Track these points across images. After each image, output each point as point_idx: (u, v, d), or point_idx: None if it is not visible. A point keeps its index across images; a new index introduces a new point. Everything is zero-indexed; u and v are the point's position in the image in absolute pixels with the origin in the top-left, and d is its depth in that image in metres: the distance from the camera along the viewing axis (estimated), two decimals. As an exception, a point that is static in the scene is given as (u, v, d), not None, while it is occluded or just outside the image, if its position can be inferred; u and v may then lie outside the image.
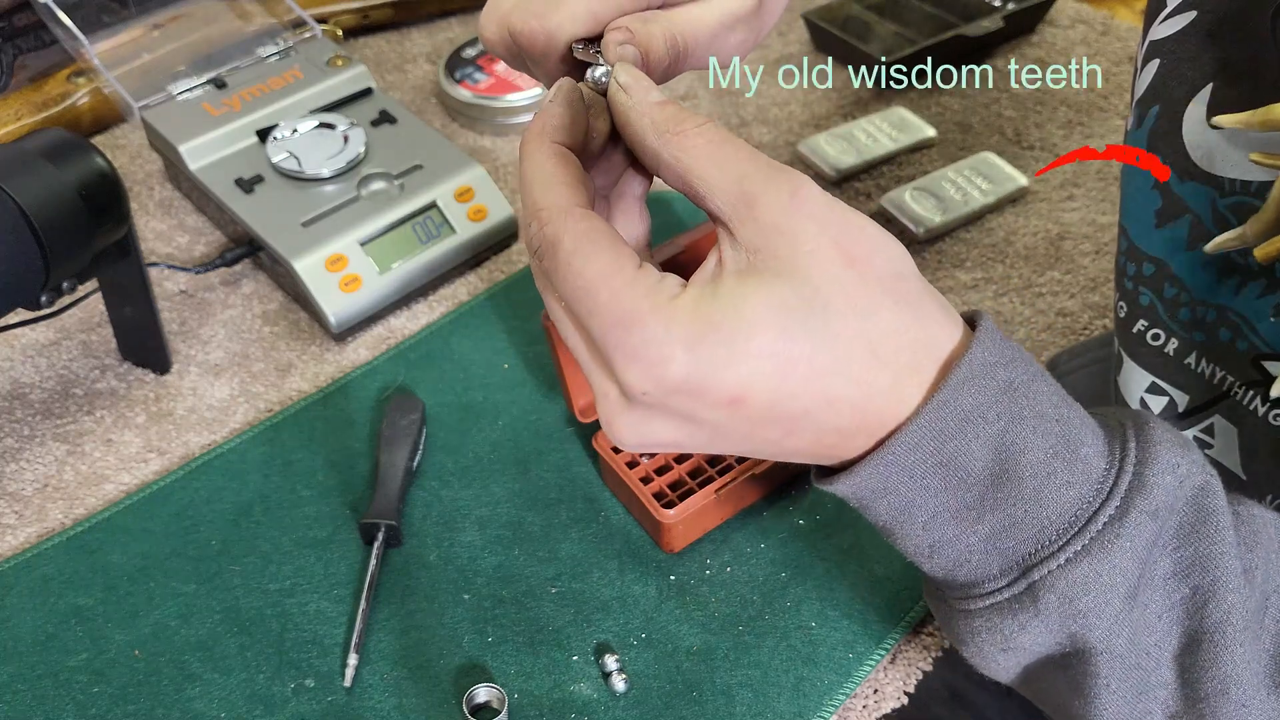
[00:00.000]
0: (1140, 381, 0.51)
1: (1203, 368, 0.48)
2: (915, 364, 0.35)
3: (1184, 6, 0.46)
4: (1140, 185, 0.49)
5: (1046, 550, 0.37)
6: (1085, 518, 0.36)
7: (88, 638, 0.57)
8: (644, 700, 0.54)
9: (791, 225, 0.34)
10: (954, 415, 0.35)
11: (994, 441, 0.36)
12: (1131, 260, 0.50)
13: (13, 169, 0.58)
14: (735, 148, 0.36)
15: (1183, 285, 0.48)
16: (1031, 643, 0.39)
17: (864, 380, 0.35)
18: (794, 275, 0.34)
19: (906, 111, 0.88)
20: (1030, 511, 0.36)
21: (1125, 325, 0.51)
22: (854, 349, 0.34)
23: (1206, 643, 0.38)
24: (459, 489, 0.64)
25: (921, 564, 0.40)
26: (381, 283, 0.73)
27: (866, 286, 0.35)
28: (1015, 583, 0.38)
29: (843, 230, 0.35)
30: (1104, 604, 0.37)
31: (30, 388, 0.70)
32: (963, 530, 0.38)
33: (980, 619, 0.40)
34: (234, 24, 0.87)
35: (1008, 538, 0.37)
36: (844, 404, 0.35)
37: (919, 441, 0.35)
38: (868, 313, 0.34)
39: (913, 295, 0.36)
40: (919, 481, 0.36)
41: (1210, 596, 0.37)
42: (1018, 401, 0.36)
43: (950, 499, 0.37)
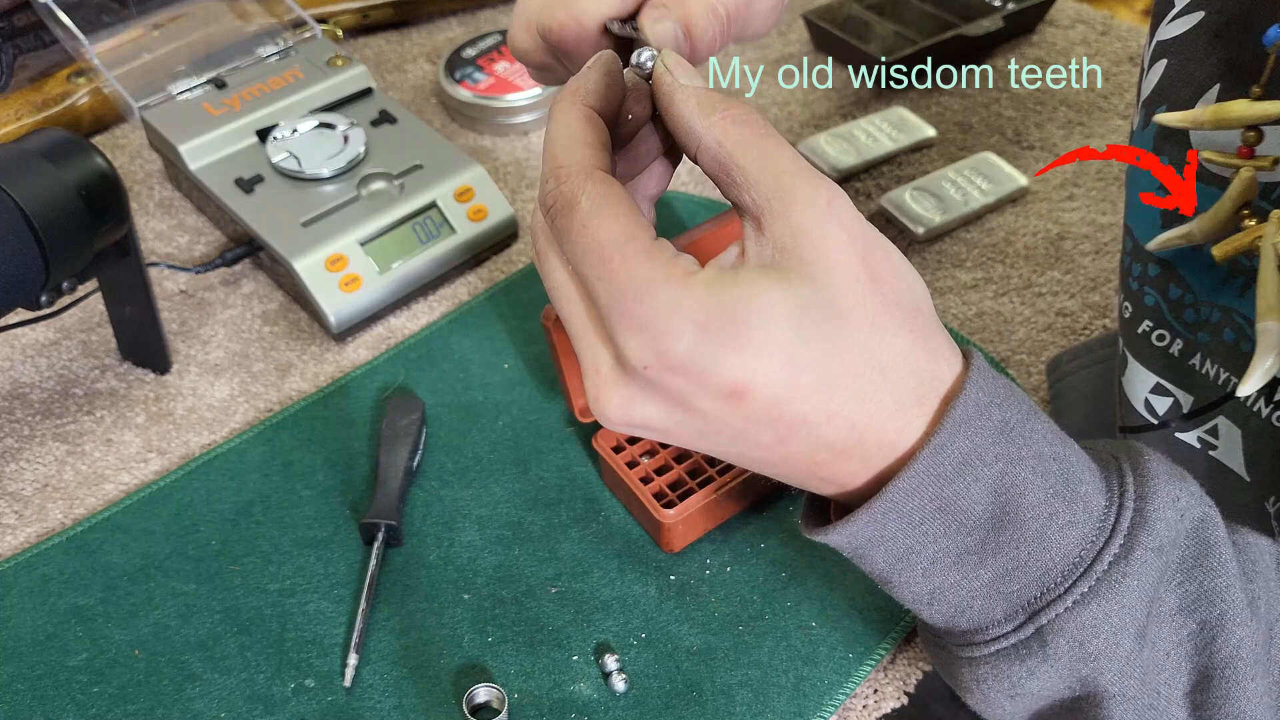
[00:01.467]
0: (1145, 382, 0.51)
1: (1207, 369, 0.48)
2: (920, 394, 0.35)
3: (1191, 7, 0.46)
4: (1146, 185, 0.49)
5: (1053, 593, 0.36)
6: (1090, 557, 0.36)
7: (88, 637, 0.57)
8: (644, 700, 0.54)
9: (823, 232, 0.33)
10: (951, 459, 0.34)
11: (993, 484, 0.35)
12: (1137, 261, 0.50)
13: (13, 169, 0.58)
14: (779, 143, 0.35)
15: (1187, 286, 0.48)
16: (1040, 688, 0.38)
17: (869, 399, 0.34)
18: (816, 280, 0.33)
19: (906, 111, 0.88)
20: (1034, 554, 0.35)
21: (1130, 326, 0.51)
22: (864, 366, 0.34)
23: (1217, 679, 0.37)
24: (459, 489, 0.64)
25: (921, 611, 0.39)
26: (381, 283, 0.73)
27: (885, 308, 0.34)
28: (1022, 627, 0.37)
29: (871, 249, 0.34)
30: (1115, 645, 0.36)
31: (30, 388, 0.70)
32: (964, 576, 0.36)
33: (986, 666, 0.38)
34: (234, 24, 0.87)
35: (1011, 581, 0.36)
36: (843, 420, 0.34)
37: (917, 487, 0.34)
38: (883, 334, 0.34)
39: (926, 326, 0.35)
40: (918, 528, 0.35)
41: (1219, 631, 0.36)
42: (1014, 442, 0.35)
43: (950, 544, 0.36)
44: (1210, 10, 0.45)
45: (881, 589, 0.39)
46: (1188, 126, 0.43)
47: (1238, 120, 0.41)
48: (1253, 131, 0.41)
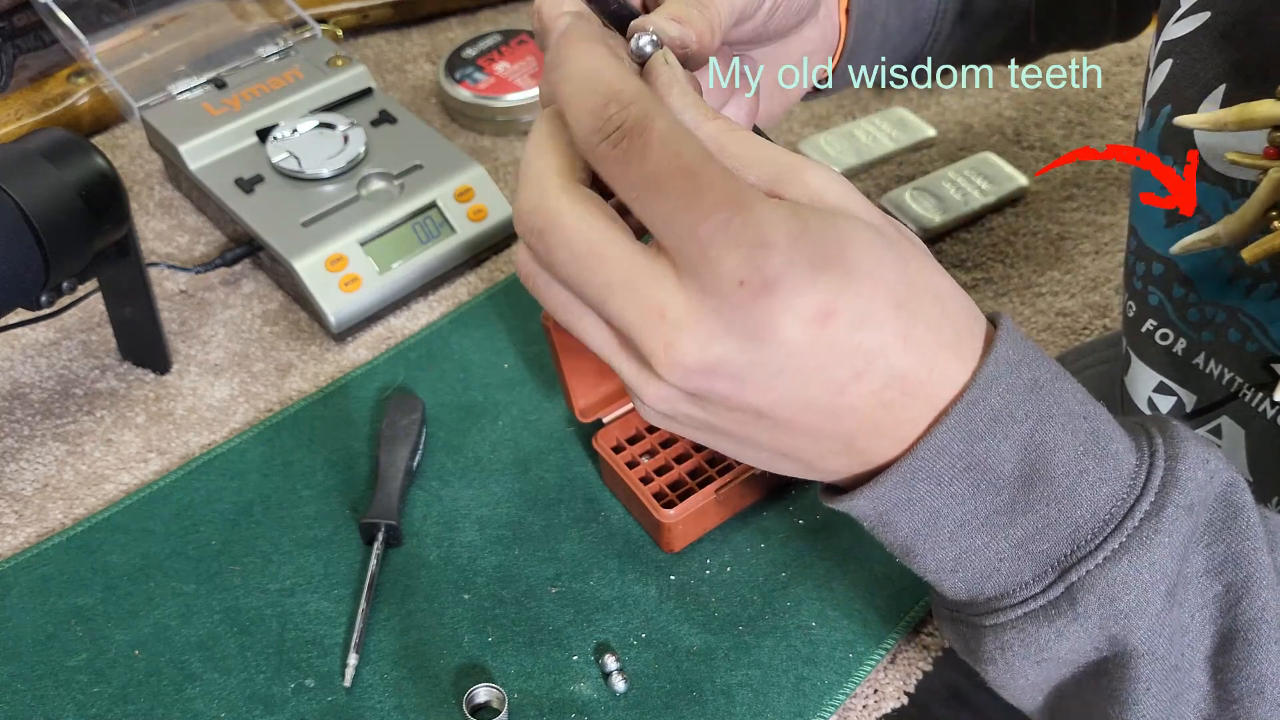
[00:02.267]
0: (1148, 381, 0.51)
1: (1211, 368, 0.48)
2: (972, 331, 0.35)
3: (1197, 7, 0.46)
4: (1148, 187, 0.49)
5: (1083, 550, 0.36)
6: (1121, 514, 0.35)
7: (88, 637, 0.57)
8: (644, 700, 0.54)
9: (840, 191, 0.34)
10: (983, 415, 0.34)
11: (1023, 441, 0.35)
12: (1141, 260, 0.50)
13: (13, 169, 0.58)
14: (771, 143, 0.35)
15: (1192, 286, 0.48)
16: (1069, 650, 0.37)
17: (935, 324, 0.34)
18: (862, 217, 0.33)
19: (906, 111, 0.88)
20: (1064, 511, 0.35)
21: (1134, 325, 0.51)
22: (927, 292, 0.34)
23: (1240, 641, 0.37)
24: (459, 489, 0.64)
25: (943, 580, 0.38)
26: (381, 283, 0.73)
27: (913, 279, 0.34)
28: (1052, 586, 0.36)
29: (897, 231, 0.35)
30: (1146, 603, 0.36)
31: (30, 388, 0.70)
32: (993, 537, 0.36)
33: (1012, 631, 0.38)
34: (234, 24, 0.87)
35: (1041, 540, 0.36)
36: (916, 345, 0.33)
37: (948, 444, 0.34)
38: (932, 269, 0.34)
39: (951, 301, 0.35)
40: (946, 488, 0.35)
41: (1244, 593, 0.36)
42: (1044, 400, 0.35)
43: (979, 504, 0.35)
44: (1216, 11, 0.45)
45: (902, 561, 0.38)
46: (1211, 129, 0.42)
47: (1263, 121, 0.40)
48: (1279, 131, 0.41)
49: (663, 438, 0.63)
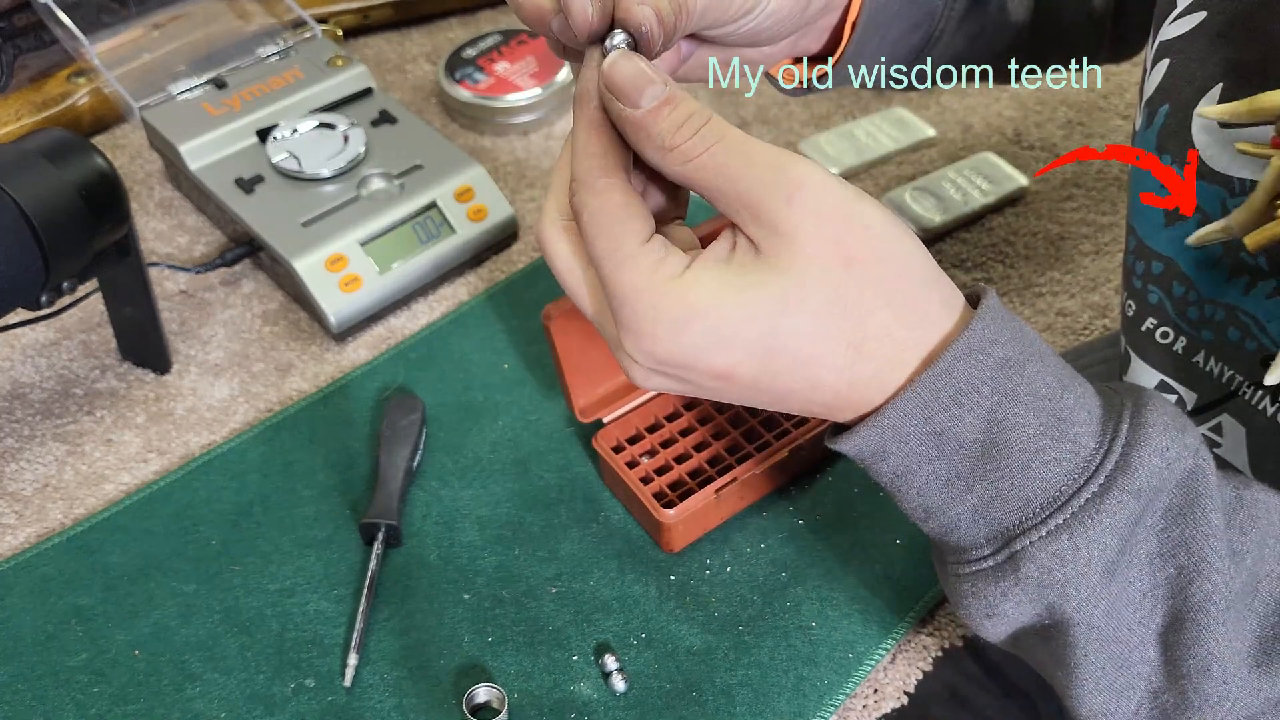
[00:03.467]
0: (1148, 380, 0.51)
1: (1211, 366, 0.48)
2: (901, 359, 0.38)
3: (1194, 7, 0.46)
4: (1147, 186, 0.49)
5: (1030, 522, 0.38)
6: (1069, 494, 0.38)
7: (88, 638, 0.57)
8: (644, 700, 0.54)
9: (791, 228, 0.36)
10: (949, 387, 0.37)
11: (986, 416, 0.37)
12: (1140, 259, 0.50)
13: (13, 169, 0.58)
14: (737, 157, 0.37)
15: (1191, 284, 0.48)
16: (1013, 610, 0.40)
17: (846, 370, 0.37)
18: (790, 274, 0.36)
19: (906, 111, 0.88)
20: (1017, 485, 0.38)
21: (1133, 324, 0.51)
22: (839, 344, 0.37)
23: (1190, 621, 0.39)
24: (459, 489, 0.64)
25: (920, 525, 0.42)
26: (381, 283, 0.73)
27: (860, 289, 0.37)
28: (998, 552, 0.40)
29: (844, 231, 0.36)
30: (1081, 576, 0.38)
31: (30, 388, 0.70)
32: (952, 499, 0.39)
33: (967, 584, 0.41)
34: (234, 24, 0.87)
35: (994, 509, 0.39)
36: (826, 389, 0.38)
37: (914, 409, 0.37)
38: (857, 315, 0.37)
39: (909, 299, 0.38)
40: (914, 448, 0.38)
41: (1195, 576, 0.38)
42: (1012, 379, 0.37)
43: (942, 467, 0.39)
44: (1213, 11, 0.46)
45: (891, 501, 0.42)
46: (1225, 119, 0.43)
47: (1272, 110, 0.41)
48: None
49: (663, 438, 0.63)
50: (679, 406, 0.65)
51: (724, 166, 0.37)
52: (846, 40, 0.51)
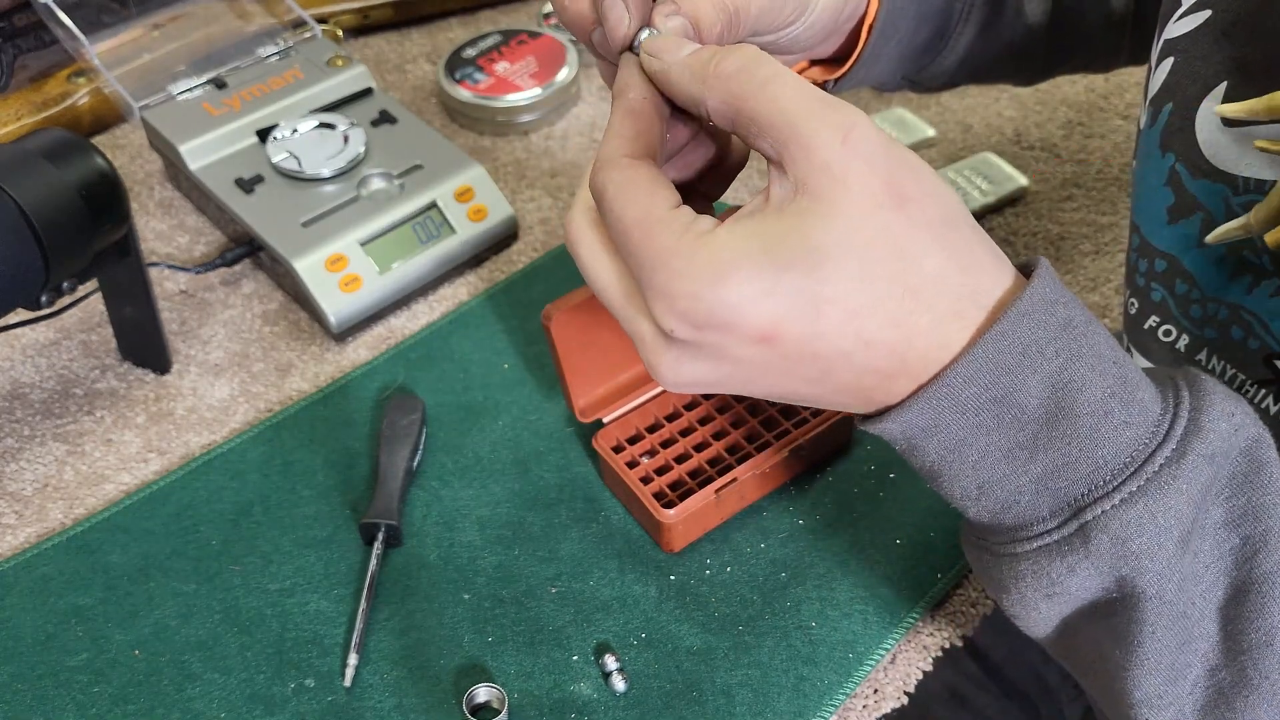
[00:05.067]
0: None
1: (1214, 365, 0.48)
2: (958, 309, 0.35)
3: (1198, 6, 0.46)
4: (1153, 182, 0.49)
5: (1100, 490, 0.36)
6: (1142, 459, 0.36)
7: (88, 637, 0.57)
8: (644, 700, 0.54)
9: (843, 165, 0.34)
10: (1012, 348, 0.34)
11: (1051, 378, 0.35)
12: (1144, 257, 0.50)
13: (13, 169, 0.58)
14: (783, 82, 0.35)
15: (1194, 282, 0.48)
16: (1079, 587, 0.38)
17: (903, 323, 0.34)
18: (836, 215, 0.33)
19: (906, 112, 0.88)
20: (1085, 451, 0.36)
21: (1136, 322, 0.51)
22: (892, 291, 0.34)
23: (1254, 593, 0.37)
24: (459, 489, 0.64)
25: (968, 506, 0.39)
26: (381, 283, 0.73)
27: (913, 229, 0.34)
28: (1066, 523, 0.37)
29: (895, 170, 0.34)
30: (1157, 547, 0.36)
31: (30, 388, 0.70)
32: (1014, 469, 0.37)
33: (1027, 562, 0.38)
34: (234, 24, 0.87)
35: (1061, 478, 0.36)
36: (881, 346, 0.34)
37: (974, 375, 0.35)
38: (910, 256, 0.34)
39: (962, 242, 0.35)
40: (971, 418, 0.36)
41: (1261, 546, 0.37)
42: (1075, 340, 0.35)
43: (1003, 437, 0.36)
44: (1217, 9, 0.46)
45: (930, 485, 0.39)
46: (1243, 116, 0.43)
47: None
48: None
49: (663, 438, 0.63)
50: (679, 406, 0.65)
51: (776, 94, 0.34)
52: (863, 44, 0.51)
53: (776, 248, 0.33)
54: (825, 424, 0.61)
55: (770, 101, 0.34)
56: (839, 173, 0.33)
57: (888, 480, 0.63)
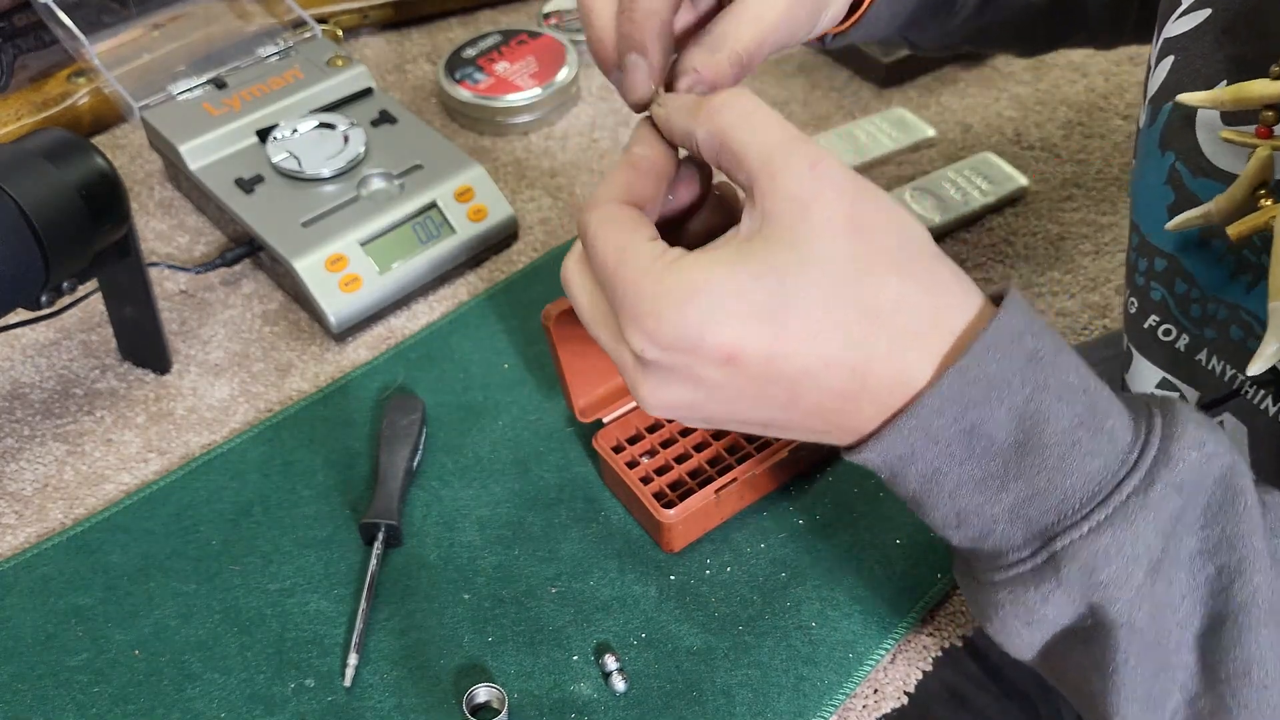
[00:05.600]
0: (1150, 377, 0.51)
1: (1214, 365, 0.48)
2: (917, 331, 0.36)
3: (1198, 4, 0.47)
4: (1152, 181, 0.49)
5: (1069, 520, 0.36)
6: (1109, 488, 0.36)
7: (88, 637, 0.57)
8: (644, 700, 0.54)
9: (807, 193, 0.35)
10: (978, 381, 0.35)
11: (1019, 410, 0.36)
12: (1143, 256, 0.50)
13: (13, 169, 0.58)
14: (765, 117, 0.37)
15: (1194, 281, 0.48)
16: (1054, 615, 0.38)
17: (861, 343, 0.35)
18: (798, 241, 0.35)
19: (906, 112, 0.88)
20: (1054, 481, 0.36)
21: (1136, 321, 0.51)
22: (849, 313, 0.35)
23: (1230, 623, 0.37)
24: (459, 489, 0.64)
25: (950, 535, 0.40)
26: (381, 283, 0.73)
27: (874, 256, 0.35)
28: (1038, 553, 0.37)
29: (859, 201, 0.36)
30: (1126, 576, 0.36)
31: (30, 388, 0.70)
32: (988, 499, 0.37)
33: (1004, 591, 0.39)
34: (234, 24, 0.87)
35: (1031, 507, 0.37)
36: (841, 366, 0.35)
37: (942, 406, 0.35)
38: (870, 281, 0.35)
39: (924, 270, 0.37)
40: (944, 448, 0.36)
41: (1236, 576, 0.37)
42: (1043, 371, 0.36)
43: (975, 467, 0.37)
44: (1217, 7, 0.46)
45: (915, 513, 0.40)
46: (1208, 106, 0.43)
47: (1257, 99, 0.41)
48: (1271, 111, 0.41)
49: (663, 438, 0.63)
50: (679, 406, 0.65)
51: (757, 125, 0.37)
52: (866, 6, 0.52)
53: (740, 272, 0.35)
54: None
55: (749, 133, 0.36)
56: (804, 201, 0.35)
57: (888, 480, 0.63)
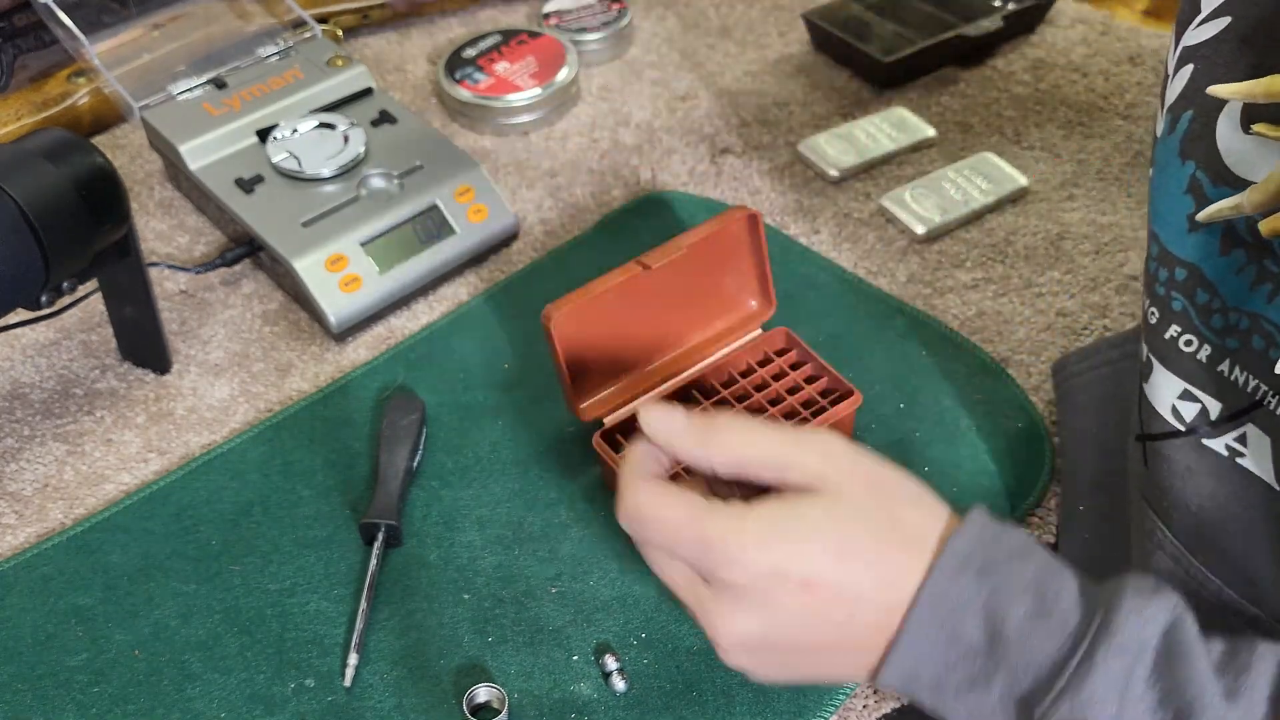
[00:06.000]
0: (1172, 388, 0.51)
1: (1236, 375, 0.48)
2: (921, 542, 0.44)
3: (1218, 12, 0.46)
4: (1172, 190, 0.48)
5: (1041, 694, 0.42)
6: (1064, 663, 0.42)
7: (88, 637, 0.57)
8: (644, 700, 0.54)
9: (832, 476, 0.44)
10: (945, 603, 0.43)
11: (981, 614, 0.42)
12: (1164, 266, 0.50)
13: (13, 169, 0.58)
14: (765, 434, 0.46)
15: (1215, 291, 0.47)
16: None
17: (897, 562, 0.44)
18: (838, 502, 0.44)
19: (906, 111, 0.88)
20: (1021, 666, 0.42)
21: (1156, 331, 0.51)
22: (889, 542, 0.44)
23: None
24: (459, 489, 0.64)
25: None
26: (381, 283, 0.73)
27: (880, 499, 0.45)
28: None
29: (859, 467, 0.45)
30: None
31: (30, 388, 0.71)
32: (983, 694, 0.43)
33: None
34: (234, 24, 0.87)
35: (1014, 691, 0.43)
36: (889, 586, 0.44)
37: (924, 624, 0.43)
38: (886, 515, 0.45)
39: (919, 502, 0.46)
40: (939, 659, 0.43)
41: (1190, 713, 0.40)
42: (993, 578, 0.43)
43: (966, 670, 0.43)
44: (1237, 16, 0.45)
45: None
46: (1240, 98, 0.43)
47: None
48: None
49: (663, 438, 0.63)
50: (679, 406, 0.65)
51: (760, 439, 0.45)
52: None
53: (803, 518, 0.44)
54: (824, 424, 0.61)
55: (759, 454, 0.45)
56: (830, 479, 0.44)
57: (888, 480, 0.63)
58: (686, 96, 0.92)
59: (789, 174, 0.85)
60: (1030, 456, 0.65)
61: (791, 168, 0.85)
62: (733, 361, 0.66)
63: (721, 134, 0.88)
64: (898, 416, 0.66)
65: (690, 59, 0.96)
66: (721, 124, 0.89)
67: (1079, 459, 0.63)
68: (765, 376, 0.66)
